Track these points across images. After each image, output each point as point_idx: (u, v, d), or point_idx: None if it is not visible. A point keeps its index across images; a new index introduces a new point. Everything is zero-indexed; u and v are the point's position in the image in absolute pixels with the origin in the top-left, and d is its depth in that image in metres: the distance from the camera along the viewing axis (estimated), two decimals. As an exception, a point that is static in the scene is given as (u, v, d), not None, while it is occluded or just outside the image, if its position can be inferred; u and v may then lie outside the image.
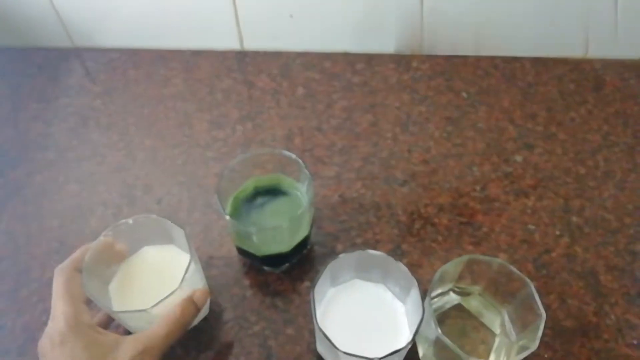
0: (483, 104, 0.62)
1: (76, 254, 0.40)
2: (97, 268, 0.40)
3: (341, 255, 0.40)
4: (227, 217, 0.41)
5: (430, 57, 0.66)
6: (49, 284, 0.47)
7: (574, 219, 0.52)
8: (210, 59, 0.66)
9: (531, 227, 0.51)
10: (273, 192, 0.48)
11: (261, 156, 0.46)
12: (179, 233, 0.41)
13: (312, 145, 0.58)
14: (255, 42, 0.66)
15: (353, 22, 0.64)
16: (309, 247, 0.49)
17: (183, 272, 0.38)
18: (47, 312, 0.46)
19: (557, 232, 0.51)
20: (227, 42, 0.66)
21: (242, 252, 0.47)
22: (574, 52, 0.65)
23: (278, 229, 0.41)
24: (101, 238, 0.41)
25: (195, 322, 0.44)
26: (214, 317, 0.46)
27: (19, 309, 0.47)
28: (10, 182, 0.56)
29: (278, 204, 0.47)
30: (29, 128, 0.60)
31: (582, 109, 0.61)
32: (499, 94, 0.63)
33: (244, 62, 0.66)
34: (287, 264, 0.47)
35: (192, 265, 0.40)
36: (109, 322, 0.43)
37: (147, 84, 0.64)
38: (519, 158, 0.57)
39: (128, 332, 0.41)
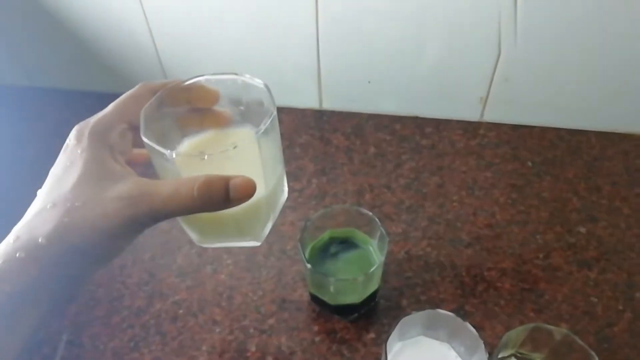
0: (548, 174, 0.64)
1: (172, 82, 0.35)
2: (179, 106, 0.34)
3: (414, 313, 0.43)
4: (308, 266, 0.45)
5: (497, 126, 0.70)
6: (138, 312, 0.53)
7: (638, 295, 0.53)
8: (291, 116, 0.72)
9: (594, 299, 0.53)
10: (347, 244, 0.52)
11: (338, 210, 0.50)
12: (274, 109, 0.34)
13: (381, 202, 0.62)
14: (333, 103, 0.72)
15: (427, 88, 0.68)
16: (377, 300, 0.52)
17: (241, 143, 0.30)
18: (135, 337, 0.51)
19: (620, 307, 0.52)
20: (307, 101, 0.72)
21: (315, 299, 0.50)
22: (640, 128, 0.67)
23: (354, 281, 0.45)
24: (202, 79, 0.35)
25: (241, 241, 0.37)
26: (283, 358, 0.50)
27: (110, 334, 0.52)
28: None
29: (351, 256, 0.51)
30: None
31: (648, 185, 0.62)
32: (564, 165, 0.65)
33: (321, 120, 0.72)
34: (355, 314, 0.51)
35: (255, 146, 0.31)
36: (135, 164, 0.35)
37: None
38: (582, 229, 0.58)
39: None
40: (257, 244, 0.38)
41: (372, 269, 0.44)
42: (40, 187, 0.32)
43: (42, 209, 0.30)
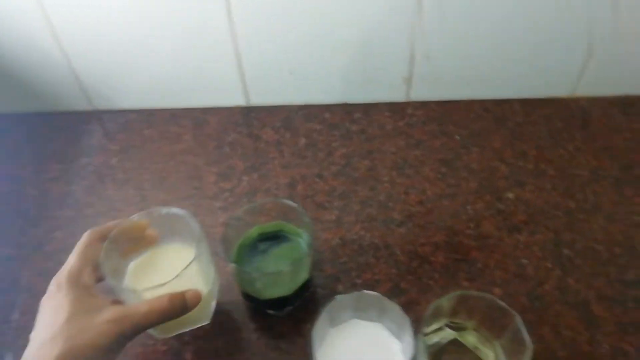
0: (475, 145, 0.65)
1: (109, 224, 0.45)
2: (122, 243, 0.45)
3: (338, 297, 0.42)
4: (231, 264, 0.45)
5: (424, 104, 0.70)
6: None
7: (565, 251, 0.54)
8: (219, 115, 0.71)
9: (524, 261, 0.54)
10: (276, 238, 0.51)
11: (264, 205, 0.50)
12: (200, 234, 0.45)
13: (314, 191, 0.62)
14: (260, 98, 0.71)
15: (350, 74, 0.68)
16: (310, 289, 0.52)
17: (185, 267, 0.42)
18: None
19: (549, 265, 0.53)
20: (234, 99, 0.71)
21: (246, 297, 0.50)
22: (562, 91, 0.69)
23: (280, 274, 0.45)
24: (134, 217, 0.45)
25: (195, 326, 0.49)
26: (223, 360, 0.49)
27: None
28: (32, 239, 0.60)
29: (281, 249, 0.50)
30: (49, 188, 0.65)
31: (570, 145, 0.64)
32: (490, 135, 0.66)
33: (249, 116, 0.71)
34: (289, 307, 0.50)
35: (194, 265, 0.43)
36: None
37: (160, 142, 0.69)
38: (510, 195, 0.59)
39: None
40: (208, 322, 0.50)
41: (295, 260, 0.44)
42: None
43: (42, 344, 0.38)
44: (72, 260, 0.43)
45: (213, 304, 0.50)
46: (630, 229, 0.55)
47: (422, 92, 0.70)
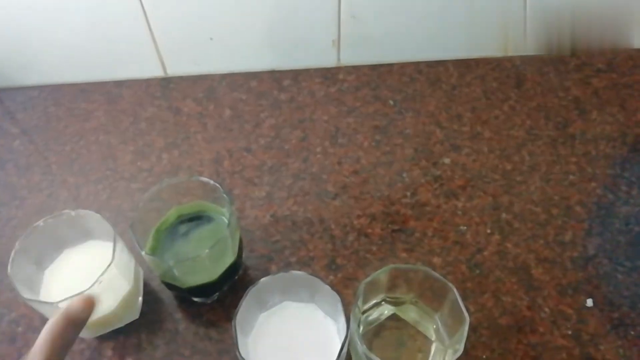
0: (410, 110, 0.62)
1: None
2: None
3: (262, 280, 0.39)
4: (142, 253, 0.40)
5: (356, 68, 0.67)
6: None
7: (504, 215, 0.52)
8: (134, 88, 0.65)
9: (462, 228, 0.52)
10: (198, 219, 0.47)
11: (179, 185, 0.45)
12: (114, 236, 0.41)
13: (242, 166, 0.57)
14: (179, 68, 0.65)
15: (276, 39, 0.63)
16: (240, 272, 0.48)
17: (98, 274, 0.39)
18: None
19: (488, 231, 0.51)
20: (149, 69, 0.65)
21: (168, 286, 0.45)
22: (496, 51, 0.67)
23: (197, 259, 0.40)
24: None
25: (124, 323, 0.45)
26: (146, 356, 0.44)
27: None
28: None
29: (203, 232, 0.46)
30: (-57, 177, 0.57)
31: (505, 105, 0.62)
32: (425, 98, 0.63)
33: (168, 88, 0.65)
34: (217, 293, 0.46)
35: (113, 268, 0.39)
36: None
37: (68, 120, 0.62)
38: (447, 160, 0.57)
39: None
40: (136, 317, 0.46)
41: (214, 243, 0.40)
42: None
43: None
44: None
45: (140, 300, 0.46)
46: (566, 189, 0.54)
47: (353, 56, 0.66)
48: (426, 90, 0.64)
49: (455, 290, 0.38)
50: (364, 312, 0.44)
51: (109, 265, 0.39)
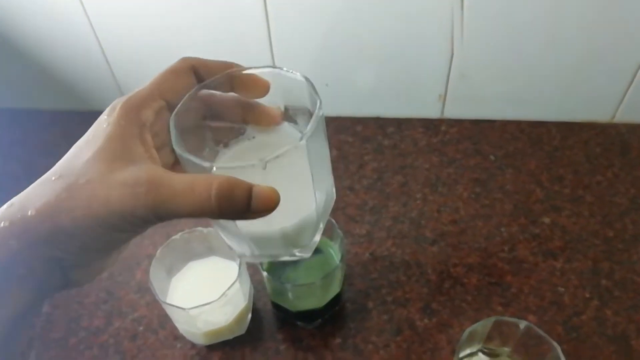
0: (510, 166, 0.64)
1: (210, 61, 0.31)
2: (214, 108, 0.32)
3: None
4: (264, 273, 0.44)
5: (458, 122, 0.70)
6: (96, 332, 0.51)
7: (604, 281, 0.52)
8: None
9: (560, 289, 0.52)
10: (307, 249, 0.50)
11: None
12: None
13: (345, 204, 0.61)
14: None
15: (385, 89, 0.68)
16: (340, 303, 0.51)
17: (222, 287, 0.42)
18: (94, 359, 0.49)
19: (587, 295, 0.51)
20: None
21: (277, 307, 0.49)
22: (600, 116, 0.67)
23: (312, 286, 0.44)
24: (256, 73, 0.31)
25: (231, 337, 0.48)
26: (248, 370, 0.48)
27: (67, 356, 0.50)
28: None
29: (312, 261, 0.49)
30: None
31: (609, 172, 0.62)
32: (526, 157, 0.65)
33: (281, 125, 0.70)
34: (319, 320, 0.49)
35: (236, 284, 0.43)
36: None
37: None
38: (546, 220, 0.58)
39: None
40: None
41: (327, 273, 0.43)
42: None
43: (46, 179, 0.27)
44: (145, 85, 0.30)
45: (249, 316, 0.50)
46: (671, 262, 0.53)
47: (457, 110, 0.69)
48: (527, 149, 0.65)
49: (559, 349, 0.39)
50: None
51: (235, 280, 0.43)
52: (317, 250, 0.50)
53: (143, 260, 0.57)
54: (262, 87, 0.31)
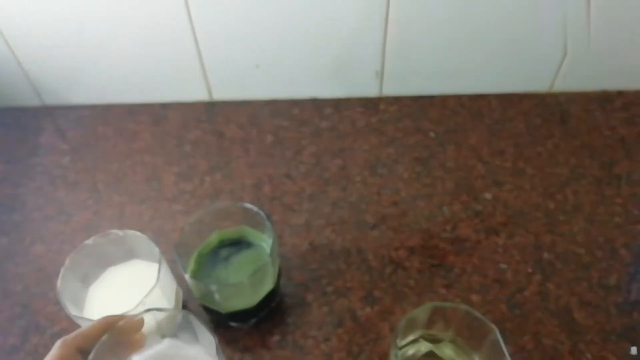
0: (451, 143, 0.62)
1: (86, 330, 0.34)
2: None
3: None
4: (186, 276, 0.40)
5: (398, 99, 0.67)
6: (11, 351, 0.46)
7: (546, 255, 0.51)
8: (180, 111, 0.67)
9: (503, 266, 0.51)
10: (238, 244, 0.47)
11: (223, 209, 0.46)
12: (159, 257, 0.42)
13: (281, 192, 0.58)
14: (224, 93, 0.67)
15: (320, 68, 0.65)
16: (277, 299, 0.48)
17: (142, 294, 0.39)
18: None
19: (529, 270, 0.50)
20: (195, 93, 0.67)
21: (207, 309, 0.46)
22: (539, 86, 0.66)
23: (240, 285, 0.41)
24: (129, 318, 0.35)
25: None
26: (181, 378, 0.45)
27: (-20, 380, 0.46)
28: (-24, 246, 0.55)
29: (243, 257, 0.46)
30: (-4, 190, 0.60)
31: (549, 143, 0.61)
32: (467, 132, 0.63)
33: (212, 112, 0.66)
34: (254, 319, 0.46)
35: (157, 290, 0.40)
36: None
37: (116, 139, 0.64)
38: (488, 196, 0.56)
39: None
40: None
41: (256, 270, 0.40)
42: None
43: None
44: None
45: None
46: (611, 231, 0.53)
47: (396, 87, 0.67)
48: (468, 124, 0.64)
49: (497, 331, 0.38)
50: (400, 348, 0.43)
51: (154, 287, 0.39)
52: (249, 246, 0.47)
53: (61, 269, 0.52)
54: (138, 326, 0.35)
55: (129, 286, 0.44)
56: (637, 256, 0.51)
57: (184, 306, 0.48)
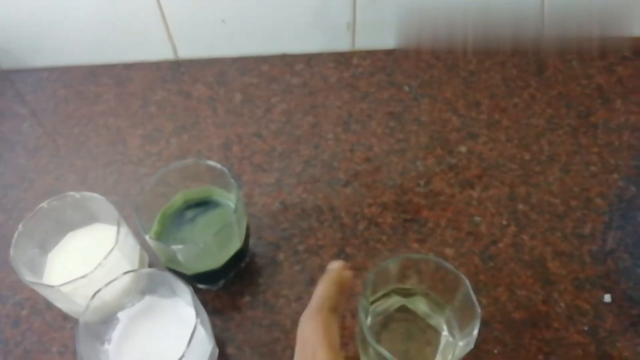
0: (425, 96, 0.60)
1: (323, 292, 0.34)
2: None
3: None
4: (147, 237, 0.39)
5: (371, 53, 0.65)
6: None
7: (520, 206, 0.51)
8: (144, 71, 0.64)
9: (477, 218, 0.50)
10: (205, 205, 0.46)
11: (185, 167, 0.44)
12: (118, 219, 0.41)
13: (251, 152, 0.56)
14: (190, 51, 0.64)
15: (289, 22, 0.62)
16: (247, 260, 0.47)
17: (102, 257, 0.38)
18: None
19: (504, 222, 0.50)
20: (159, 52, 0.64)
21: (172, 272, 0.44)
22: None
23: (203, 245, 0.39)
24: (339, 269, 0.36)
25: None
26: (150, 342, 0.44)
27: (-59, 352, 0.44)
28: None
29: (210, 217, 0.45)
30: (-47, 158, 0.57)
31: (525, 93, 0.60)
32: (442, 85, 0.61)
33: (178, 72, 0.64)
34: (222, 280, 0.45)
35: (116, 252, 0.39)
36: None
37: (77, 103, 0.61)
38: (463, 149, 0.55)
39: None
40: None
41: (219, 229, 0.39)
42: None
43: None
44: (320, 355, 0.31)
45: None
46: (587, 181, 0.52)
47: (368, 40, 0.64)
48: (443, 77, 0.62)
49: (467, 282, 0.37)
50: (372, 303, 0.42)
51: (112, 249, 0.38)
52: (216, 204, 0.45)
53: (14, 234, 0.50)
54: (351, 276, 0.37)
55: (90, 251, 0.42)
56: (613, 205, 0.50)
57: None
